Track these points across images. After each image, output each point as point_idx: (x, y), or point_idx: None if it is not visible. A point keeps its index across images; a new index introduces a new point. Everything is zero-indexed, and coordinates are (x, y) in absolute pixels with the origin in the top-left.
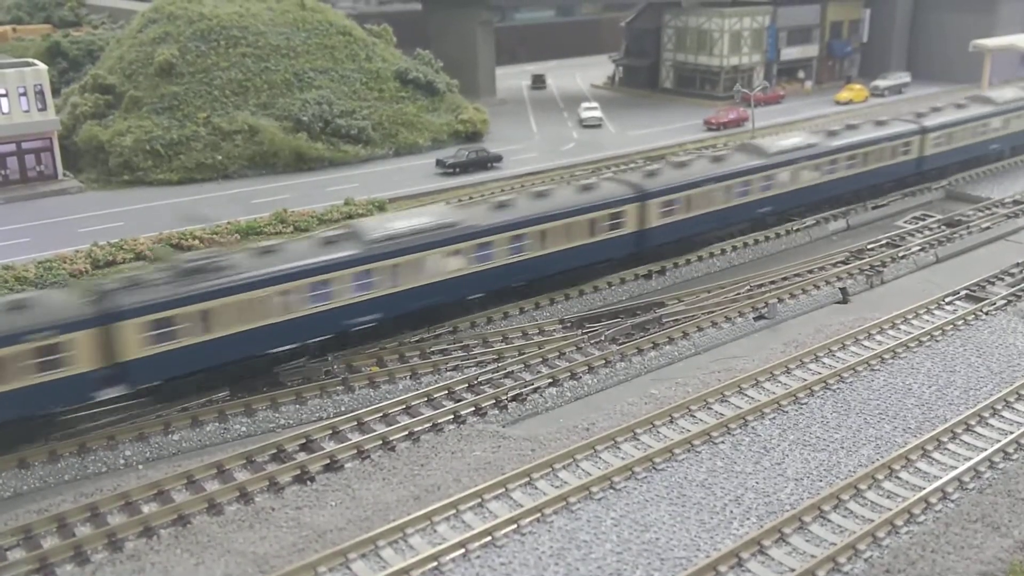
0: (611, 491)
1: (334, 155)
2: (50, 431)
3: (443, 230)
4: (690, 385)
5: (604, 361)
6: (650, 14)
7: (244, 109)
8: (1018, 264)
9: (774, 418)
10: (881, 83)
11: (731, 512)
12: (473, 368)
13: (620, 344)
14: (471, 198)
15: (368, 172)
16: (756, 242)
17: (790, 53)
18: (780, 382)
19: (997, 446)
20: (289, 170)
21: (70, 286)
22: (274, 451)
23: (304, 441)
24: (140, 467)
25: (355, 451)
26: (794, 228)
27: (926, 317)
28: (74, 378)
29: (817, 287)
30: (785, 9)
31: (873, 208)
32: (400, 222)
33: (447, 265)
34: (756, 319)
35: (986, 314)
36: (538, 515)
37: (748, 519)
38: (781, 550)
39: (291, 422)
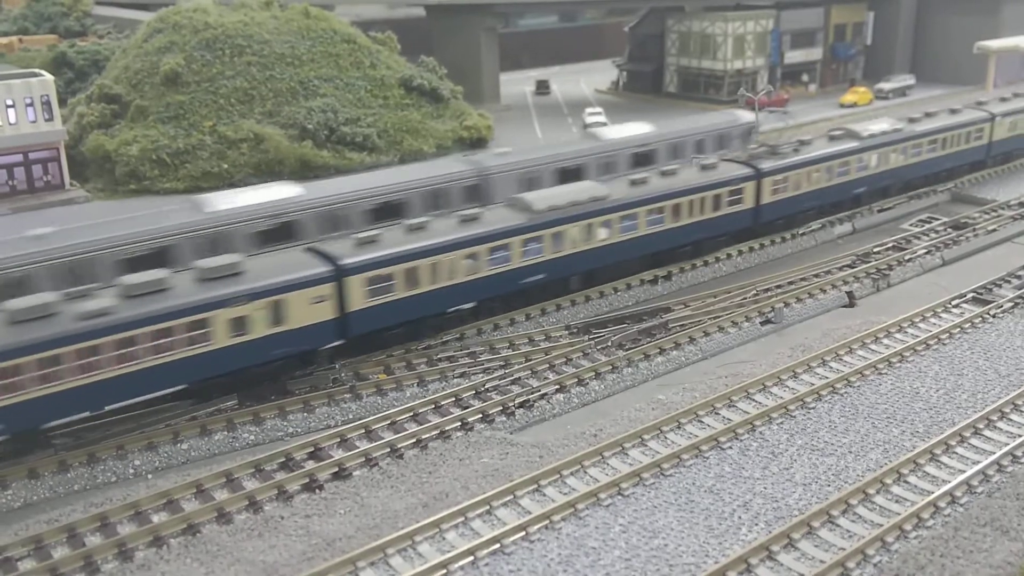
0: (619, 497)
1: (339, 162)
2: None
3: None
4: (697, 390)
5: (611, 367)
6: (653, 19)
7: (249, 117)
8: None
9: (782, 423)
10: (885, 86)
11: (740, 518)
12: (480, 375)
13: (627, 350)
14: None
15: None
16: (762, 246)
17: (794, 56)
18: (788, 387)
19: (1006, 449)
20: (295, 178)
21: None
22: (283, 459)
23: (312, 449)
24: (149, 476)
25: (363, 459)
26: (799, 232)
27: (933, 320)
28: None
29: (823, 291)
30: (788, 12)
31: (879, 211)
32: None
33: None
34: (763, 324)
35: (993, 317)
36: (546, 522)
37: (757, 524)
38: (790, 555)
39: (299, 430)
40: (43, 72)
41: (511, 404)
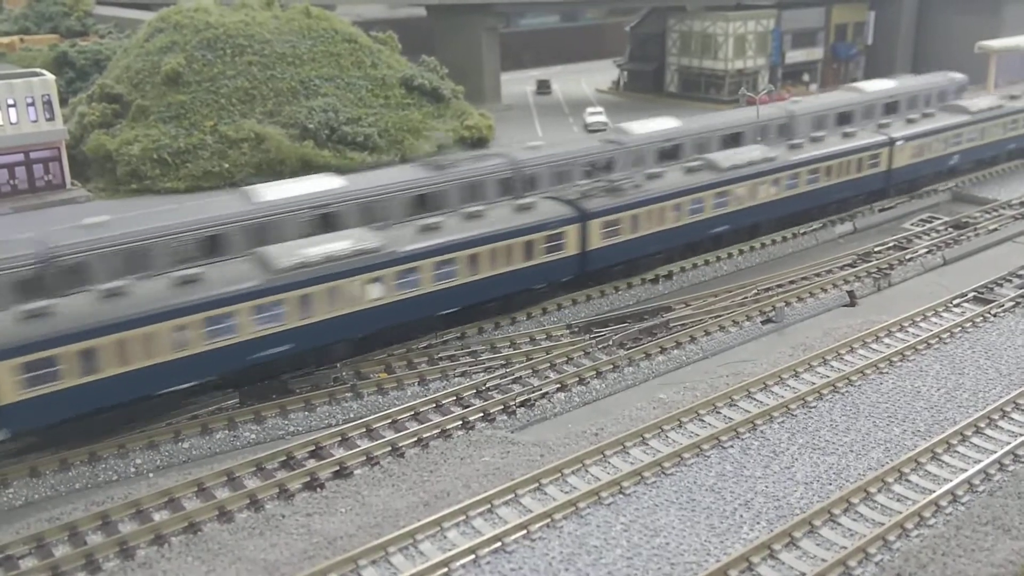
0: (621, 496)
1: (340, 162)
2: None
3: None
4: (698, 389)
5: (612, 366)
6: (654, 19)
7: (250, 117)
8: None
9: (783, 422)
10: None
11: (741, 516)
12: (481, 374)
13: (628, 349)
14: None
15: None
16: (763, 246)
17: (795, 56)
18: (788, 386)
19: (1007, 448)
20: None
21: None
22: (284, 458)
23: (314, 448)
24: (150, 475)
25: (364, 458)
26: (800, 231)
27: (934, 319)
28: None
29: (824, 290)
30: (789, 12)
31: (880, 211)
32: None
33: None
34: (764, 323)
35: (994, 316)
36: (548, 520)
37: (758, 523)
38: (791, 554)
39: (300, 429)
40: (44, 72)
41: (512, 403)
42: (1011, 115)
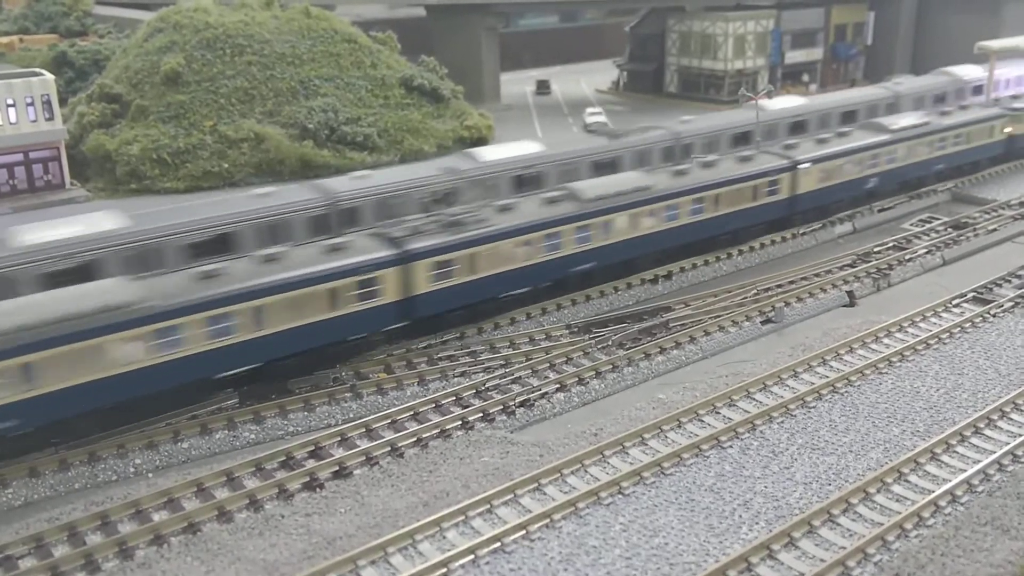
0: (620, 496)
1: (340, 162)
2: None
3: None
4: (698, 389)
5: (611, 366)
6: (654, 19)
7: (250, 117)
8: None
9: (782, 422)
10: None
11: (740, 516)
12: (481, 374)
13: (627, 349)
14: None
15: None
16: (762, 246)
17: (794, 56)
18: (788, 386)
19: (1006, 448)
20: (295, 177)
21: None
22: (283, 458)
23: (313, 448)
24: (150, 475)
25: (364, 458)
26: (800, 232)
27: (933, 320)
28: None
29: (824, 290)
30: (789, 12)
31: (879, 211)
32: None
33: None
34: (763, 323)
35: (994, 316)
36: (547, 521)
37: (757, 523)
38: (790, 554)
39: (300, 429)
40: (44, 71)
41: (512, 403)
42: (938, 133)
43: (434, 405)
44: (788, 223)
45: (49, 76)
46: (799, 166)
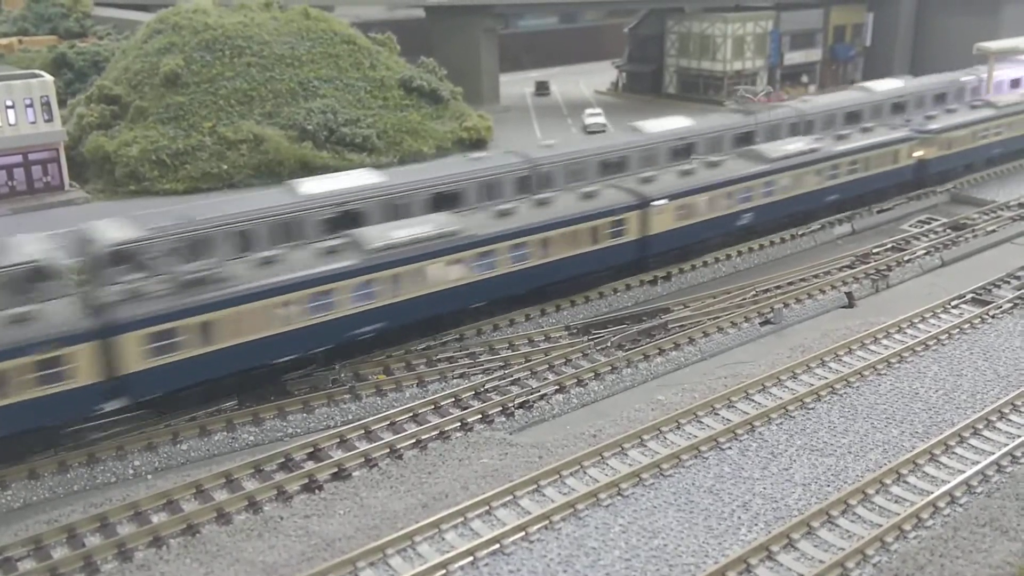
0: (619, 498)
1: (339, 163)
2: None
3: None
4: (697, 391)
5: (610, 368)
6: (653, 20)
7: (249, 118)
8: None
9: (781, 423)
10: None
11: (739, 518)
12: (480, 375)
13: (626, 350)
14: None
15: None
16: (761, 247)
17: (793, 57)
18: (787, 387)
19: (1005, 450)
20: (294, 179)
21: None
22: (282, 460)
23: (312, 450)
24: (149, 477)
25: (363, 459)
26: (799, 233)
27: (932, 321)
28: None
29: (823, 292)
30: (788, 14)
31: (878, 212)
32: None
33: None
34: (762, 324)
35: (992, 317)
36: (546, 522)
37: (756, 525)
38: (789, 556)
39: (299, 431)
40: (43, 73)
41: (510, 405)
42: (830, 160)
43: (433, 406)
44: (641, 267)
45: (48, 77)
46: (652, 203)
